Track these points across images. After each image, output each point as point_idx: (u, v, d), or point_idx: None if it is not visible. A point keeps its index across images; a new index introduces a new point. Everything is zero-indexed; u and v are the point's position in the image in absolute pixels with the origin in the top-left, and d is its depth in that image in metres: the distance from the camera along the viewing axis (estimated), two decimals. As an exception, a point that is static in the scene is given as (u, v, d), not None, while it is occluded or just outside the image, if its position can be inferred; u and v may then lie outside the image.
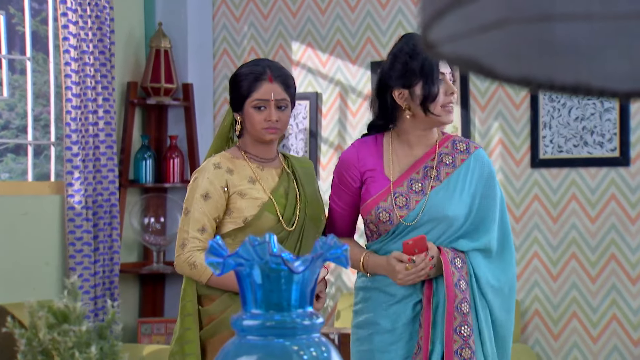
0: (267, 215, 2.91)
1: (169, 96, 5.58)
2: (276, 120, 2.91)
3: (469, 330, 2.69)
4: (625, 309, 4.81)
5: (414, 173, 2.79)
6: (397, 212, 2.75)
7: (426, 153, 2.81)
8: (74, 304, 1.33)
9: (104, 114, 5.29)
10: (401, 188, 2.78)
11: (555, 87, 0.79)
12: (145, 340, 5.32)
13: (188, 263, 2.87)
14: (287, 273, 1.42)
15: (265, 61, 3.02)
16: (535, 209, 5.01)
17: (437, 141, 2.82)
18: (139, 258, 5.68)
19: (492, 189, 2.80)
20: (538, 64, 0.80)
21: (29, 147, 5.29)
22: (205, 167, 2.95)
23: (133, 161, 5.59)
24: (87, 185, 5.18)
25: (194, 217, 2.88)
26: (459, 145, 2.83)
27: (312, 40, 5.59)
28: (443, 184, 2.77)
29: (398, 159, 2.82)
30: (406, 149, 2.82)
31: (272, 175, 3.00)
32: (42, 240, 5.09)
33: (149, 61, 5.57)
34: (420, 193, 2.77)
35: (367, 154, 2.83)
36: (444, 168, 2.79)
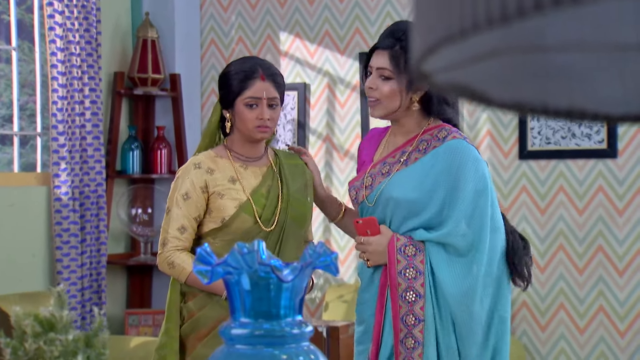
0: (244, 216, 2.93)
1: (156, 86, 5.56)
2: (268, 118, 2.92)
3: (414, 320, 2.64)
4: (612, 301, 4.82)
5: (390, 157, 2.82)
6: (362, 192, 2.81)
7: (407, 140, 2.80)
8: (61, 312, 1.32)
9: (91, 105, 5.26)
10: (373, 170, 2.82)
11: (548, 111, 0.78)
12: (133, 332, 5.30)
13: (167, 262, 2.94)
14: (276, 282, 1.41)
15: (255, 59, 3.02)
16: (523, 200, 5.01)
17: (422, 130, 2.78)
18: (126, 249, 5.66)
19: (459, 183, 2.66)
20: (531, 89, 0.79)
21: (15, 138, 5.25)
22: (187, 166, 2.98)
23: (120, 152, 5.56)
24: (73, 176, 5.15)
25: (174, 216, 2.94)
26: (440, 134, 2.75)
27: (301, 30, 5.56)
28: (408, 168, 2.75)
29: (387, 147, 2.86)
30: (392, 138, 2.87)
31: (255, 175, 3.00)
32: (29, 231, 5.06)
33: (136, 51, 5.53)
34: (385, 175, 2.78)
35: (371, 142, 2.93)
36: (415, 154, 2.76)
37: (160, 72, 5.53)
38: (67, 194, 5.09)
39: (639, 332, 4.78)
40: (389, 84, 2.72)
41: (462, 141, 2.72)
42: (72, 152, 5.16)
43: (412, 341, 2.64)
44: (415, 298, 2.65)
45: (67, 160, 5.11)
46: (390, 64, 2.71)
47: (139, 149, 5.55)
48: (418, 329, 2.64)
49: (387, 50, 2.73)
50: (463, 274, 2.64)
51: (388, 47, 2.73)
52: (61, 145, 5.09)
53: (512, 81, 0.78)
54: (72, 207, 5.11)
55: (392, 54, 2.72)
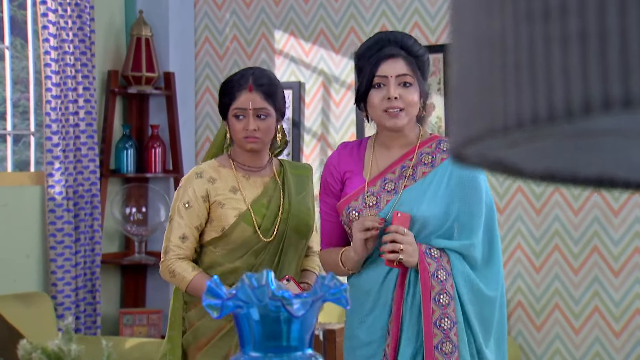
0: (244, 226, 2.94)
1: (151, 85, 5.53)
2: (254, 129, 2.92)
3: (449, 323, 2.55)
4: (607, 301, 4.83)
5: (389, 173, 2.69)
6: (367, 212, 2.65)
7: (405, 153, 2.71)
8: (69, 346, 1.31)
9: (85, 103, 5.23)
10: (373, 187, 2.68)
11: (578, 180, 0.77)
12: (127, 331, 5.29)
13: (169, 271, 2.97)
14: (287, 315, 1.40)
15: (251, 70, 3.03)
16: (519, 200, 5.01)
17: (419, 142, 2.72)
18: (120, 248, 5.64)
19: (474, 194, 2.63)
20: (562, 159, 0.78)
21: (9, 137, 5.22)
22: (189, 176, 3.02)
23: (114, 151, 5.54)
24: (67, 175, 5.13)
25: (176, 225, 2.97)
26: (442, 145, 2.71)
27: (295, 28, 5.54)
28: (417, 183, 2.66)
29: (377, 161, 2.73)
30: (384, 150, 2.74)
31: (257, 185, 3.01)
32: (23, 231, 5.04)
33: (129, 50, 5.50)
34: (392, 192, 2.66)
35: (348, 157, 2.77)
36: (421, 167, 2.68)
37: (154, 71, 5.50)
38: (61, 194, 5.06)
39: (634, 332, 4.79)
40: (411, 90, 2.64)
41: None
42: (65, 152, 5.13)
43: (449, 345, 2.55)
44: (448, 300, 2.56)
45: (61, 159, 5.08)
46: (409, 70, 2.64)
47: (133, 147, 5.53)
48: (453, 332, 2.56)
49: (400, 57, 2.65)
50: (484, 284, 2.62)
51: (399, 54, 2.66)
52: (55, 145, 5.06)
53: (543, 154, 0.77)
54: (66, 206, 5.09)
55: (406, 61, 2.65)
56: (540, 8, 0.56)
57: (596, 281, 4.86)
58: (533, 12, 0.56)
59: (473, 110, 0.62)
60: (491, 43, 0.58)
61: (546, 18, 0.55)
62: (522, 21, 0.56)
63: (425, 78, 2.70)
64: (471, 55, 0.59)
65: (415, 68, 2.66)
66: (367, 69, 2.66)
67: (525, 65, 0.57)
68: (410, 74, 2.64)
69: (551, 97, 0.58)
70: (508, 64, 0.58)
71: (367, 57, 2.67)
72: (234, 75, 3.03)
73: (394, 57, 2.64)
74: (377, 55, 2.65)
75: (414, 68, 2.65)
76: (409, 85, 2.63)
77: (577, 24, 0.56)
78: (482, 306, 2.61)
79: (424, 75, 2.70)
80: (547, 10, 0.55)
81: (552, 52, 0.56)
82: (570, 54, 0.56)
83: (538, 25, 0.56)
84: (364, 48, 2.71)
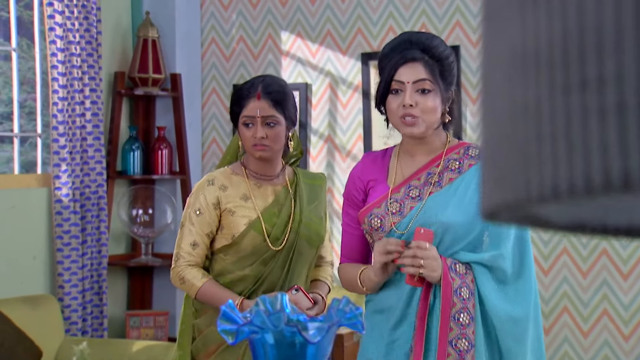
0: (253, 234, 2.94)
1: (157, 86, 5.52)
2: (262, 137, 2.91)
3: (467, 345, 2.39)
4: (616, 304, 4.82)
5: (414, 179, 2.57)
6: (389, 219, 2.53)
7: (431, 160, 2.58)
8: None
9: (91, 105, 5.22)
10: (397, 194, 2.56)
11: (608, 230, 0.76)
12: (134, 333, 5.29)
13: (179, 277, 2.98)
14: (302, 340, 1.39)
15: (262, 78, 3.02)
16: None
17: (446, 148, 2.59)
18: (127, 250, 5.64)
19: None
20: (592, 211, 0.77)
21: (15, 139, 5.21)
22: (201, 183, 3.02)
23: (121, 152, 5.53)
24: (74, 177, 5.12)
25: (187, 232, 2.98)
26: (471, 151, 2.59)
27: (302, 30, 5.53)
28: (443, 189, 2.53)
29: (402, 168, 2.61)
30: (409, 158, 2.61)
31: (269, 193, 3.00)
32: (30, 234, 5.03)
33: (136, 51, 5.49)
34: (416, 199, 2.54)
35: (373, 166, 2.65)
36: (448, 174, 2.55)
37: (160, 72, 5.49)
38: (68, 196, 5.06)
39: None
40: (430, 97, 2.48)
41: None
42: (72, 154, 5.13)
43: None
44: (469, 320, 2.40)
45: (67, 161, 5.07)
46: (428, 75, 2.49)
47: (139, 149, 5.52)
48: (470, 355, 2.40)
49: (419, 62, 2.50)
50: (514, 299, 2.46)
51: (419, 58, 2.51)
52: (62, 147, 5.05)
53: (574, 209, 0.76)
54: (72, 208, 5.08)
55: (426, 65, 2.50)
56: (577, 79, 0.54)
57: (605, 284, 4.84)
58: (570, 83, 0.55)
59: (508, 177, 0.61)
60: (526, 113, 0.57)
61: (583, 89, 0.54)
62: (559, 92, 0.55)
63: (449, 82, 2.54)
64: (505, 123, 0.58)
65: (437, 73, 2.50)
66: (385, 73, 2.54)
67: (562, 136, 0.56)
68: (429, 79, 2.48)
69: (589, 170, 0.57)
70: (544, 134, 0.57)
71: (388, 60, 2.54)
72: (244, 83, 3.03)
73: (414, 61, 2.50)
74: (396, 58, 2.52)
75: (434, 73, 2.50)
76: (428, 91, 2.48)
77: (615, 96, 0.55)
78: (513, 328, 2.45)
79: (447, 79, 2.53)
80: (584, 82, 0.54)
81: (589, 124, 0.55)
82: (608, 126, 0.55)
83: (575, 96, 0.55)
84: (387, 49, 2.57)
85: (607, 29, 0.53)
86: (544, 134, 0.56)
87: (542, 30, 0.51)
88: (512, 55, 0.52)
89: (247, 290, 2.95)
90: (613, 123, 0.55)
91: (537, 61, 0.53)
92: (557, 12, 0.51)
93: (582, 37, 0.50)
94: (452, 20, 5.14)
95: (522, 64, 0.53)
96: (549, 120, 0.56)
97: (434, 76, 2.49)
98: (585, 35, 0.50)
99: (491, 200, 0.63)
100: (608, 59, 0.53)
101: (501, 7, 0.52)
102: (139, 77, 5.45)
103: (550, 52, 0.52)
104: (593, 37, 0.50)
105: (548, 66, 0.52)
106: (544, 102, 0.56)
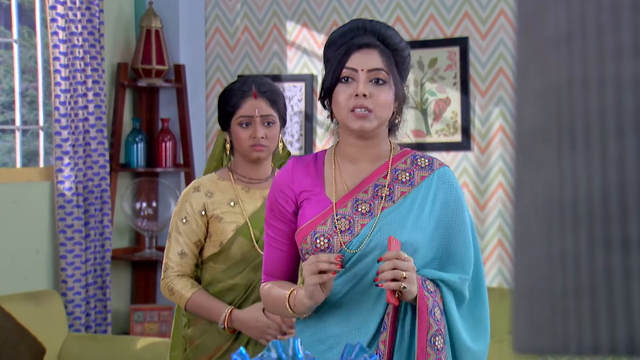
0: (241, 240, 2.86)
1: (161, 77, 5.44)
2: (262, 137, 2.84)
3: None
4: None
5: (360, 192, 2.27)
6: (338, 238, 2.22)
7: (377, 169, 2.29)
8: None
9: (94, 97, 5.15)
10: (344, 209, 2.25)
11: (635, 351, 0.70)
12: (138, 328, 5.24)
13: (168, 289, 2.91)
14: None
15: (252, 78, 2.95)
16: (499, 197, 4.91)
17: (391, 156, 2.32)
18: (131, 243, 5.58)
19: (459, 217, 2.26)
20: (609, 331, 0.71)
21: (17, 132, 5.15)
22: (187, 190, 2.94)
23: (124, 145, 5.46)
24: (77, 170, 5.06)
25: (174, 241, 2.91)
26: (419, 161, 2.31)
27: (308, 20, 5.44)
28: (396, 204, 2.25)
29: (342, 177, 2.29)
30: (349, 165, 2.30)
31: (256, 197, 2.92)
32: (32, 228, 4.97)
33: (139, 42, 5.41)
34: (367, 215, 2.24)
35: (304, 173, 2.32)
36: (399, 187, 2.27)
37: (164, 63, 5.40)
38: (71, 189, 5.00)
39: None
40: (385, 89, 2.22)
41: (449, 169, 2.32)
42: (75, 146, 5.06)
43: None
44: (442, 344, 2.16)
45: (70, 154, 5.01)
46: (384, 65, 2.23)
47: (143, 141, 5.45)
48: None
49: (375, 49, 2.23)
50: (474, 328, 2.27)
51: (375, 45, 2.24)
52: (64, 140, 4.99)
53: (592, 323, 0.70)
54: (75, 202, 5.02)
55: (382, 53, 2.24)
56: (619, 237, 0.47)
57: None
58: (610, 240, 0.47)
59: (544, 327, 0.54)
60: (564, 265, 0.50)
61: (625, 249, 0.47)
62: (599, 248, 0.48)
63: (403, 77, 2.28)
64: (541, 272, 0.51)
65: (392, 63, 2.24)
66: (335, 59, 2.23)
67: (602, 293, 0.49)
68: (385, 69, 2.22)
69: (631, 330, 0.49)
70: (583, 289, 0.50)
71: (337, 46, 2.25)
72: (232, 84, 2.94)
73: (368, 47, 2.23)
74: (348, 44, 2.23)
75: (390, 63, 2.24)
76: (382, 82, 2.22)
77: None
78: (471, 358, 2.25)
79: (401, 73, 2.27)
80: (626, 241, 0.47)
81: (631, 285, 0.48)
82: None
83: (616, 255, 0.48)
84: (337, 35, 2.28)
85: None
86: (583, 289, 0.49)
87: (580, 180, 0.45)
88: (548, 202, 0.46)
89: (238, 299, 2.87)
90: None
91: (576, 213, 0.46)
92: (596, 161, 0.44)
93: (623, 192, 0.43)
94: (460, 11, 5.05)
95: (559, 214, 0.46)
96: (589, 275, 0.49)
97: (390, 66, 2.24)
98: (626, 190, 0.44)
99: (526, 344, 0.57)
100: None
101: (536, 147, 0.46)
102: (142, 68, 5.37)
103: (589, 205, 0.45)
104: (636, 193, 0.44)
105: (587, 219, 0.46)
106: (583, 256, 0.49)
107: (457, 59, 5.04)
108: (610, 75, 0.45)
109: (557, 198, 0.48)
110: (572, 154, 0.47)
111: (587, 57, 0.45)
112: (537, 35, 0.46)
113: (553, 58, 0.45)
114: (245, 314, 2.82)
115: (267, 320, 2.80)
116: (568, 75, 0.45)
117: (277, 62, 5.50)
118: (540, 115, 0.46)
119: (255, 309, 2.82)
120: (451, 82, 5.05)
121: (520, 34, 0.47)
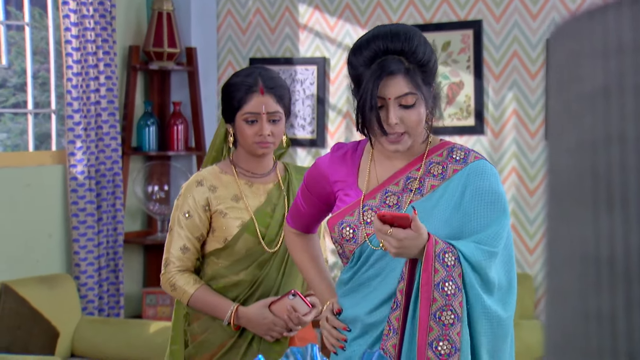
0: (247, 237, 2.81)
1: (172, 61, 5.42)
2: (268, 134, 2.77)
3: (449, 348, 2.10)
4: None
5: (391, 184, 2.28)
6: (363, 229, 2.25)
7: (410, 162, 2.30)
8: None
9: (106, 81, 5.13)
10: (372, 201, 2.27)
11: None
12: (150, 312, 5.25)
13: (169, 284, 2.85)
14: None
15: (258, 70, 2.84)
16: (513, 181, 4.89)
17: (427, 149, 2.31)
18: (143, 227, 5.58)
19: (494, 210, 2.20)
20: None
21: (29, 116, 5.14)
22: (189, 183, 2.86)
23: (136, 128, 5.45)
24: (89, 154, 5.05)
25: (176, 236, 2.84)
26: (455, 154, 2.30)
27: (320, 2, 5.40)
28: (425, 198, 2.24)
29: (376, 169, 2.32)
30: (385, 160, 2.32)
31: (260, 192, 2.87)
32: (45, 212, 4.98)
33: (151, 24, 5.38)
34: (394, 208, 2.25)
35: (341, 165, 2.35)
36: (429, 180, 2.27)
37: (176, 46, 5.38)
38: (83, 173, 4.99)
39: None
40: (414, 110, 2.22)
41: (486, 162, 2.29)
42: (87, 130, 5.05)
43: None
44: (453, 320, 2.10)
45: (82, 138, 5.00)
46: (411, 87, 2.20)
47: (155, 125, 5.44)
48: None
49: (399, 75, 2.20)
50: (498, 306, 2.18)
51: (398, 70, 2.20)
52: (76, 123, 4.98)
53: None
54: (88, 186, 5.02)
55: (407, 76, 2.20)
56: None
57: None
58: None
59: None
60: (600, 324, 0.48)
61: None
62: (636, 309, 0.46)
63: (431, 82, 2.26)
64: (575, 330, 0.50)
65: (419, 81, 2.22)
66: (366, 91, 2.17)
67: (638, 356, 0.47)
68: (412, 91, 2.20)
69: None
70: (620, 350, 0.48)
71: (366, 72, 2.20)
72: (236, 76, 2.83)
73: (393, 74, 2.19)
74: (375, 74, 2.18)
75: (416, 81, 2.21)
76: (412, 104, 2.21)
77: None
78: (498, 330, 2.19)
79: (429, 81, 2.25)
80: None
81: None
82: None
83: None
84: (362, 59, 2.22)
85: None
86: (620, 350, 0.48)
87: (617, 237, 0.43)
88: (583, 259, 0.44)
89: (242, 295, 2.82)
90: None
91: (613, 270, 0.44)
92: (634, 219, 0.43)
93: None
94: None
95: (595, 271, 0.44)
96: (626, 335, 0.47)
97: (417, 86, 2.22)
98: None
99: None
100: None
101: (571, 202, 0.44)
102: (154, 51, 5.35)
103: (626, 264, 0.43)
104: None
105: (625, 278, 0.44)
106: (620, 315, 0.47)
107: (470, 42, 5.00)
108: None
109: (593, 255, 0.47)
110: (608, 211, 0.45)
111: (624, 114, 0.43)
112: (572, 89, 0.44)
113: (589, 113, 0.44)
114: (252, 311, 2.78)
115: (273, 317, 2.76)
116: (605, 132, 0.43)
117: (289, 45, 5.47)
118: (574, 171, 0.45)
119: (260, 305, 2.78)
120: (464, 66, 5.02)
121: (553, 87, 0.46)
